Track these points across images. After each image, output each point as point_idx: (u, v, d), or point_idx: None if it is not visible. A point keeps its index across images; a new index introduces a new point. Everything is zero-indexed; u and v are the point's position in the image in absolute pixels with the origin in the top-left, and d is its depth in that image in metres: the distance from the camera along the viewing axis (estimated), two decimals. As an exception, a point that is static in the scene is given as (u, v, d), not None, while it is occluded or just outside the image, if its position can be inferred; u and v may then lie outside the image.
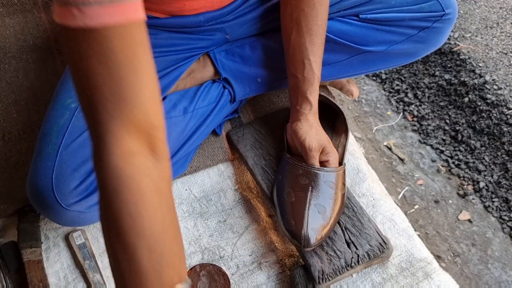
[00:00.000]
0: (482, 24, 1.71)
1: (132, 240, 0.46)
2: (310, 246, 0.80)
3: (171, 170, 0.52)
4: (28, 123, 1.02)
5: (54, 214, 0.77)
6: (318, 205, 0.82)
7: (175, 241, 0.50)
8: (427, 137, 1.42)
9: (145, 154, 0.48)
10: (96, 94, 0.45)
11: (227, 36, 0.94)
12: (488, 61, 1.57)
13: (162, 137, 0.50)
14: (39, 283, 0.84)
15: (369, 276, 0.85)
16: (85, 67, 0.45)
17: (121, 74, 0.45)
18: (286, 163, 0.89)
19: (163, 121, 0.49)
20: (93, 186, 0.77)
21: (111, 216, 0.47)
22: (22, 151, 0.98)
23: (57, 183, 0.74)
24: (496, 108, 1.42)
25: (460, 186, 1.29)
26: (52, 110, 0.81)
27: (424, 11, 0.90)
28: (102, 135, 0.46)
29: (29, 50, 1.09)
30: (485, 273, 1.11)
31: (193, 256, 0.89)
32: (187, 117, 0.90)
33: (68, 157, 0.76)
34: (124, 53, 0.45)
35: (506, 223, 1.20)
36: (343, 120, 0.96)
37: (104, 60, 0.45)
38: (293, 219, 0.82)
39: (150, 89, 0.47)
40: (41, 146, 0.78)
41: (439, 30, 0.93)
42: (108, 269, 0.87)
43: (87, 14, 0.43)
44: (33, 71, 1.08)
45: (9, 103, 1.03)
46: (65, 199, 0.75)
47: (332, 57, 0.95)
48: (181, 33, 0.89)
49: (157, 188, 0.48)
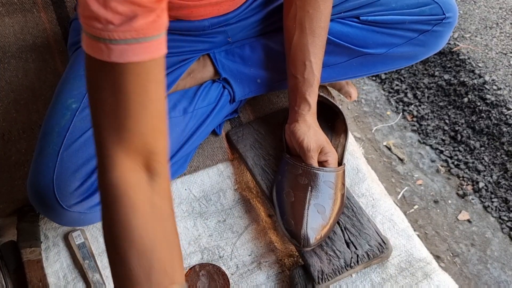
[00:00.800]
0: (482, 24, 1.71)
1: (123, 246, 0.52)
2: (309, 246, 0.80)
3: (170, 189, 0.57)
4: (28, 123, 1.01)
5: (54, 214, 0.77)
6: (318, 205, 0.82)
7: (167, 249, 0.54)
8: (427, 137, 1.42)
9: (140, 173, 0.54)
10: (104, 119, 0.51)
11: (229, 39, 0.95)
12: (487, 61, 1.57)
13: (162, 160, 0.55)
14: (38, 282, 0.84)
15: (368, 276, 0.85)
16: (98, 94, 0.51)
17: (128, 106, 0.50)
18: (285, 163, 0.89)
19: (165, 146, 0.55)
20: (94, 187, 0.77)
21: (106, 225, 0.54)
22: (21, 150, 0.98)
23: (58, 184, 0.74)
24: (495, 108, 1.42)
25: (459, 186, 1.29)
26: (53, 110, 0.81)
27: (424, 14, 0.90)
28: (104, 156, 0.53)
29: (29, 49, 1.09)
30: (484, 273, 1.11)
31: (192, 256, 0.89)
32: (187, 117, 0.90)
33: (69, 158, 0.76)
34: (136, 89, 0.50)
35: (505, 223, 1.20)
36: (343, 120, 0.96)
37: (116, 92, 0.49)
38: (292, 219, 0.82)
39: (154, 121, 0.53)
40: (42, 146, 0.77)
41: (439, 34, 0.93)
42: (107, 268, 0.87)
43: (114, 51, 0.47)
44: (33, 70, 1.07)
45: (9, 102, 1.03)
46: (66, 200, 0.75)
47: (331, 59, 0.95)
48: (183, 36, 0.89)
49: (150, 201, 0.54)
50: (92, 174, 0.77)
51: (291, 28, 0.87)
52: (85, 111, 0.79)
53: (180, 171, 0.95)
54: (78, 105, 0.79)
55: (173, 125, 0.88)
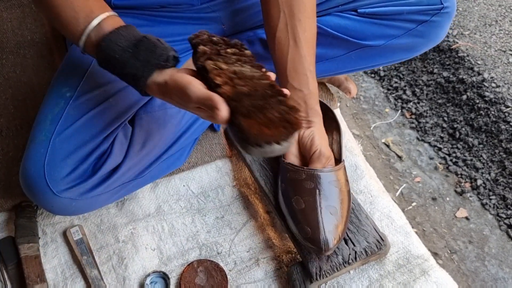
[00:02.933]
0: (481, 21, 1.71)
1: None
2: (330, 249, 0.77)
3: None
4: (26, 119, 1.01)
5: (45, 200, 0.77)
6: (329, 206, 0.80)
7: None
8: (425, 134, 1.42)
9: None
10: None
11: (223, 27, 0.94)
12: (486, 58, 1.57)
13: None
14: (36, 278, 0.84)
15: (366, 273, 0.85)
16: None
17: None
18: (286, 170, 0.86)
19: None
20: (86, 174, 0.78)
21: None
22: (19, 146, 0.98)
23: (48, 170, 0.75)
24: (494, 106, 1.42)
25: (457, 184, 1.29)
26: (48, 99, 0.81)
27: (422, 4, 0.90)
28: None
29: (27, 45, 1.09)
30: (481, 270, 1.11)
31: (190, 252, 0.89)
32: (183, 110, 0.90)
33: (61, 144, 0.76)
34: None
35: (503, 220, 1.20)
36: (333, 117, 0.95)
37: None
38: (308, 226, 0.79)
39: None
40: (34, 133, 0.78)
41: (437, 24, 0.92)
42: (105, 264, 0.87)
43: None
44: (31, 66, 1.07)
45: (7, 98, 1.03)
46: (56, 186, 0.75)
47: (330, 52, 0.95)
48: (175, 20, 0.88)
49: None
50: (84, 160, 0.77)
51: (283, 40, 0.83)
52: (79, 99, 0.79)
53: (176, 164, 0.95)
54: (73, 93, 0.79)
55: (168, 117, 0.87)
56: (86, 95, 0.79)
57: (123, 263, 0.87)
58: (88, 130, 0.78)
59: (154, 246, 0.90)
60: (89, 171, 0.78)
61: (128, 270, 0.86)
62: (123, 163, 0.82)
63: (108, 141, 0.80)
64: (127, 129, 0.84)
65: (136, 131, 0.84)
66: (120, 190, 0.86)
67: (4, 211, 0.93)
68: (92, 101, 0.79)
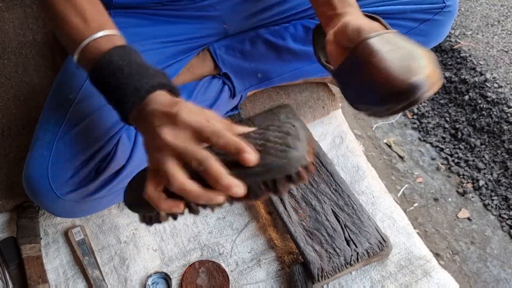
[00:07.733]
0: (483, 21, 1.70)
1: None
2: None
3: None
4: (27, 119, 1.01)
5: (48, 203, 0.77)
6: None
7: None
8: (427, 135, 1.42)
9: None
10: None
11: (225, 26, 0.93)
12: (488, 59, 1.56)
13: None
14: (38, 279, 0.84)
15: (368, 274, 0.85)
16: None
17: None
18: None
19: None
20: (90, 177, 0.77)
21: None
22: (21, 146, 0.98)
23: (52, 172, 0.74)
24: (496, 106, 1.42)
25: (459, 184, 1.29)
26: (51, 100, 0.81)
27: (425, 3, 0.90)
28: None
29: (29, 45, 1.08)
30: (483, 271, 1.11)
31: (192, 253, 0.89)
32: None
33: (65, 147, 0.76)
34: None
35: (505, 221, 1.20)
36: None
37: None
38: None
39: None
40: (38, 135, 0.78)
41: (440, 23, 0.92)
42: (107, 265, 0.87)
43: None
44: (33, 66, 1.07)
45: (8, 98, 1.03)
46: (60, 188, 0.75)
47: None
48: (177, 19, 0.88)
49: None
50: (87, 163, 0.77)
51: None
52: (82, 102, 0.79)
53: None
54: (75, 95, 0.79)
55: None
56: (89, 97, 0.79)
57: (125, 263, 0.87)
58: (92, 132, 0.78)
59: (155, 247, 0.90)
60: (93, 174, 0.78)
61: (130, 271, 0.86)
62: (127, 165, 0.81)
63: (112, 143, 0.80)
64: (130, 131, 0.84)
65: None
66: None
67: (6, 212, 0.93)
68: (96, 103, 0.79)
